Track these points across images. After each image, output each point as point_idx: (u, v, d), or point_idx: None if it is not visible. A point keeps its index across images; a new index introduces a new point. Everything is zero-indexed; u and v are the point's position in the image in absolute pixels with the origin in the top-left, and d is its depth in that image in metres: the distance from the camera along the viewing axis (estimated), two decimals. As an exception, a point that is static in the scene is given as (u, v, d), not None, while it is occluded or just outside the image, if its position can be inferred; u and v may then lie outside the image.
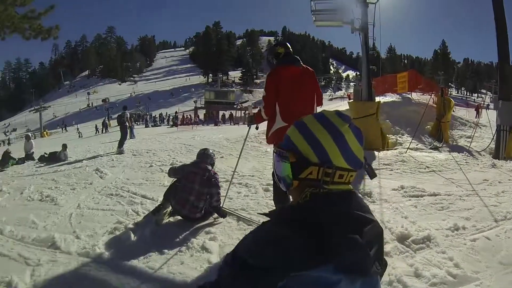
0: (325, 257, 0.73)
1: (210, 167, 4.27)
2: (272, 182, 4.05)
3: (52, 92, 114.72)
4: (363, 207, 0.92)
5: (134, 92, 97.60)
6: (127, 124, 12.39)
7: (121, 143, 10.99)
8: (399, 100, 12.54)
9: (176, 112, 50.61)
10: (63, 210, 4.90)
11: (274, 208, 3.68)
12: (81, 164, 8.94)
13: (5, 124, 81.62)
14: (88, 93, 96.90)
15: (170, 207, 4.23)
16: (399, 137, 9.50)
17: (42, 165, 9.97)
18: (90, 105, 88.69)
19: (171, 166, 5.72)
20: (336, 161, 0.89)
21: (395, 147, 8.32)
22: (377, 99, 9.91)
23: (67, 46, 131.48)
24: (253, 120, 3.87)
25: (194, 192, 4.02)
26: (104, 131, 32.74)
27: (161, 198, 4.69)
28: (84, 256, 3.33)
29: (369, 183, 4.89)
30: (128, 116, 12.76)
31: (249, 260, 0.76)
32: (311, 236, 0.75)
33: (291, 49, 3.58)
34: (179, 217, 4.21)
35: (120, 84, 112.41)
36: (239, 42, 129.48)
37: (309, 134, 0.91)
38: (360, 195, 2.52)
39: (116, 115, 47.93)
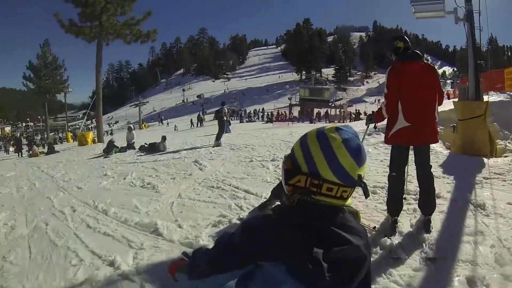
0: (282, 259, 0.92)
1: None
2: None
3: (150, 89, 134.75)
4: (349, 227, 1.00)
5: (227, 89, 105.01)
6: (225, 118, 13.04)
7: (218, 136, 11.73)
8: (507, 99, 10.81)
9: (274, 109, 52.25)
10: (164, 198, 5.21)
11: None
12: (180, 155, 9.63)
13: (109, 117, 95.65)
14: (183, 90, 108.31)
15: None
16: (508, 142, 8.12)
17: (142, 154, 11.16)
18: (185, 100, 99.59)
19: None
20: (324, 173, 1.02)
21: (505, 154, 7.18)
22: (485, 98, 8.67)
23: (163, 48, 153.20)
24: (372, 118, 3.80)
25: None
26: (199, 125, 35.13)
27: (265, 194, 4.66)
28: (187, 246, 3.38)
29: (481, 193, 4.32)
30: (226, 111, 13.42)
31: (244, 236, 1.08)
32: (279, 237, 0.96)
33: (409, 43, 3.51)
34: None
35: (213, 81, 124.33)
36: (330, 38, 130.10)
37: (305, 146, 1.08)
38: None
39: (210, 110, 51.88)
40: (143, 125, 50.61)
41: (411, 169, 3.83)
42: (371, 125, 4.00)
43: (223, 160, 8.21)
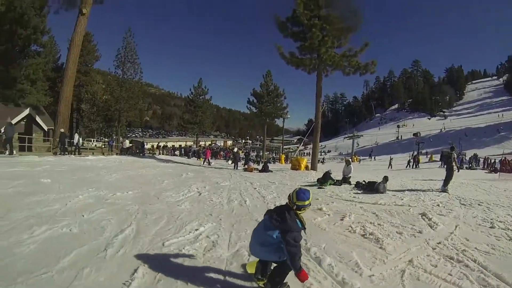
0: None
1: None
2: None
3: (363, 122, 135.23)
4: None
5: (444, 128, 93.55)
6: (454, 164, 11.46)
7: (446, 182, 11.02)
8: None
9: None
10: (391, 260, 4.27)
11: None
12: (402, 202, 8.42)
13: (322, 145, 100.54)
14: (398, 126, 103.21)
15: None
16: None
17: (359, 192, 10.41)
18: (399, 137, 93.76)
19: None
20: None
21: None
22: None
23: (377, 81, 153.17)
24: None
25: None
26: (414, 166, 32.35)
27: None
28: None
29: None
30: (455, 156, 11.74)
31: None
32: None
33: None
34: None
35: (429, 119, 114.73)
36: None
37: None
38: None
39: (425, 150, 46.65)
40: (355, 158, 50.39)
41: None
42: None
43: (456, 219, 6.66)
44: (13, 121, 26.70)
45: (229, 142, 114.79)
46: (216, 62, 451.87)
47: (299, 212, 3.18)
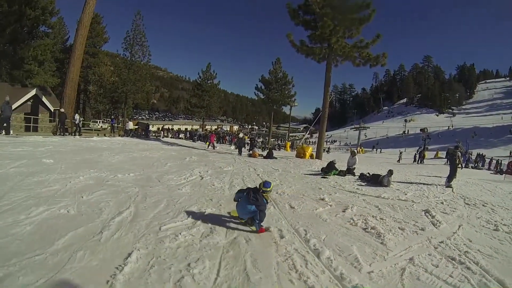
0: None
1: None
2: None
3: (371, 115, 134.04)
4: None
5: (452, 126, 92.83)
6: (458, 162, 11.62)
7: (450, 178, 11.28)
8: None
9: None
10: (392, 256, 4.17)
11: None
12: (406, 197, 8.30)
13: (327, 135, 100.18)
14: (405, 120, 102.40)
15: None
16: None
17: (363, 184, 10.31)
18: (406, 132, 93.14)
19: None
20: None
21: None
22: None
23: (387, 74, 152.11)
24: None
25: None
26: (420, 161, 32.11)
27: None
28: None
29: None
30: (459, 154, 11.99)
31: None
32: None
33: None
34: None
35: (437, 115, 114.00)
36: None
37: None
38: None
39: (432, 147, 46.05)
40: (360, 149, 50.08)
41: None
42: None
43: (460, 219, 6.53)
44: (20, 101, 26.91)
45: (235, 127, 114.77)
46: (226, 47, 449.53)
47: (264, 194, 4.91)
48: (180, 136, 42.86)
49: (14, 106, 25.38)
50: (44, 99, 29.16)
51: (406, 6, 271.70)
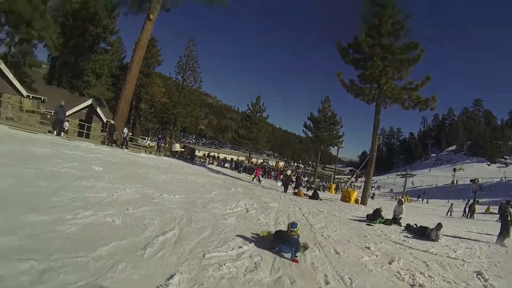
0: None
1: None
2: None
3: (418, 161, 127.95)
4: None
5: (505, 177, 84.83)
6: (510, 218, 11.13)
7: (501, 236, 10.80)
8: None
9: None
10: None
11: None
12: (456, 255, 7.71)
13: (373, 180, 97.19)
14: (454, 169, 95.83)
15: None
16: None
17: (409, 235, 9.75)
18: (455, 182, 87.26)
19: None
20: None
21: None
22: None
23: (435, 119, 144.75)
24: None
25: None
26: (469, 215, 29.80)
27: None
28: None
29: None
30: (511, 211, 11.34)
31: None
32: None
33: None
34: None
35: (489, 165, 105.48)
36: None
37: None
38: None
39: (482, 200, 42.70)
40: (406, 198, 47.90)
41: None
42: None
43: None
44: (76, 108, 28.84)
45: (281, 163, 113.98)
46: (276, 81, 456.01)
47: (292, 233, 5.35)
48: (225, 165, 43.32)
49: (70, 112, 27.42)
50: (98, 110, 31.13)
51: (455, 44, 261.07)
